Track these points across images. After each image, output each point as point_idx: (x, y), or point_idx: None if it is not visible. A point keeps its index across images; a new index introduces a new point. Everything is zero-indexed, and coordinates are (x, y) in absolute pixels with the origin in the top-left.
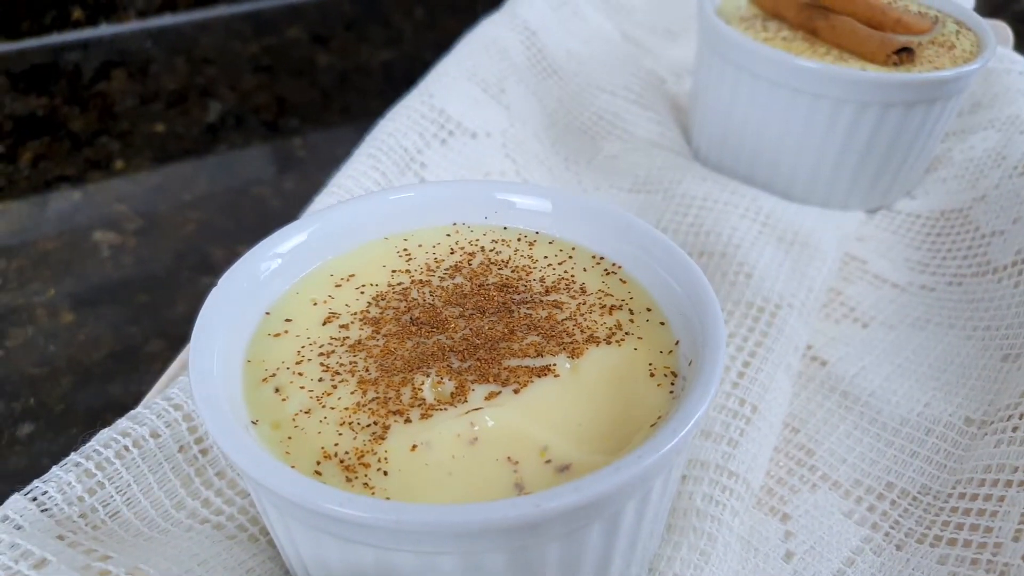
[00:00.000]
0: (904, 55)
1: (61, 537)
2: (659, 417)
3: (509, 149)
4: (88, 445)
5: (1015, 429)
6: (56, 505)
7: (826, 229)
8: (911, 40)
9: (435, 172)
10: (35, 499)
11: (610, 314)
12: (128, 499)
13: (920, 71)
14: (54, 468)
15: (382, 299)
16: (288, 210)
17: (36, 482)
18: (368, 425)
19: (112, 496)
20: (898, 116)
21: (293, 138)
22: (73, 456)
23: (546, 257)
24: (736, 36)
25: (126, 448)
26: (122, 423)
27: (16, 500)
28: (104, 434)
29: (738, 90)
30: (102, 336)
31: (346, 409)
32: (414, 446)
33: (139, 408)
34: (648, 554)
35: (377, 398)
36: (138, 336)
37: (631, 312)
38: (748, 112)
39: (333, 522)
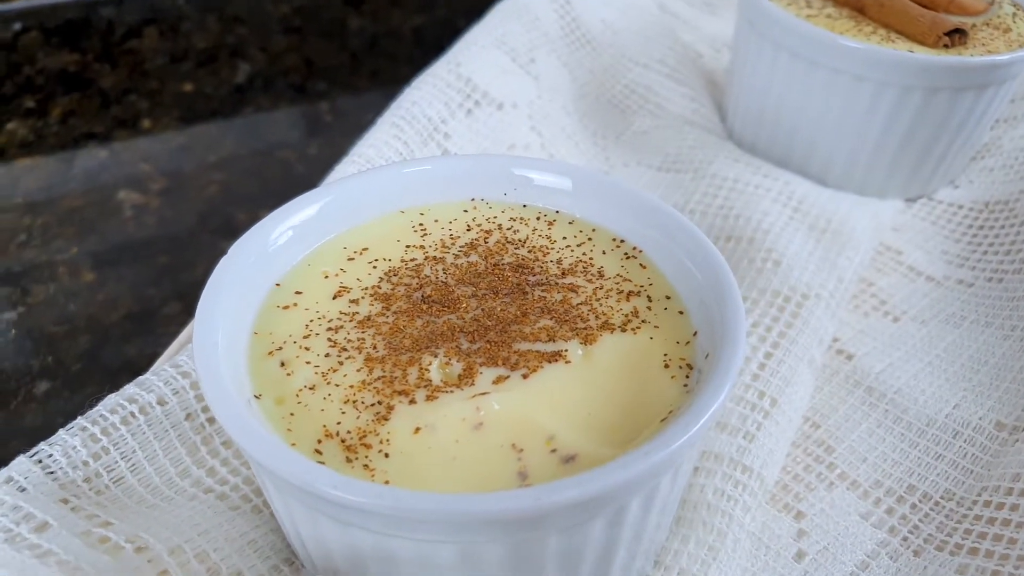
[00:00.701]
0: (956, 37)
1: (65, 501)
2: (670, 411)
3: (535, 121)
4: (95, 410)
5: None
6: (61, 468)
7: (861, 217)
8: (964, 22)
9: (458, 143)
10: (40, 462)
11: (627, 300)
12: (133, 465)
13: (972, 55)
14: (60, 431)
15: (394, 275)
16: (312, 175)
17: (42, 444)
18: (372, 404)
19: (117, 462)
20: (945, 101)
21: (320, 102)
22: (79, 420)
23: (564, 238)
24: (776, 11)
25: (132, 414)
26: (129, 389)
27: (21, 462)
28: (111, 399)
29: (776, 68)
30: (121, 296)
31: (351, 387)
32: (417, 428)
33: (147, 375)
34: (655, 547)
35: (383, 377)
36: (156, 298)
37: (649, 299)
38: (785, 92)
39: (329, 504)
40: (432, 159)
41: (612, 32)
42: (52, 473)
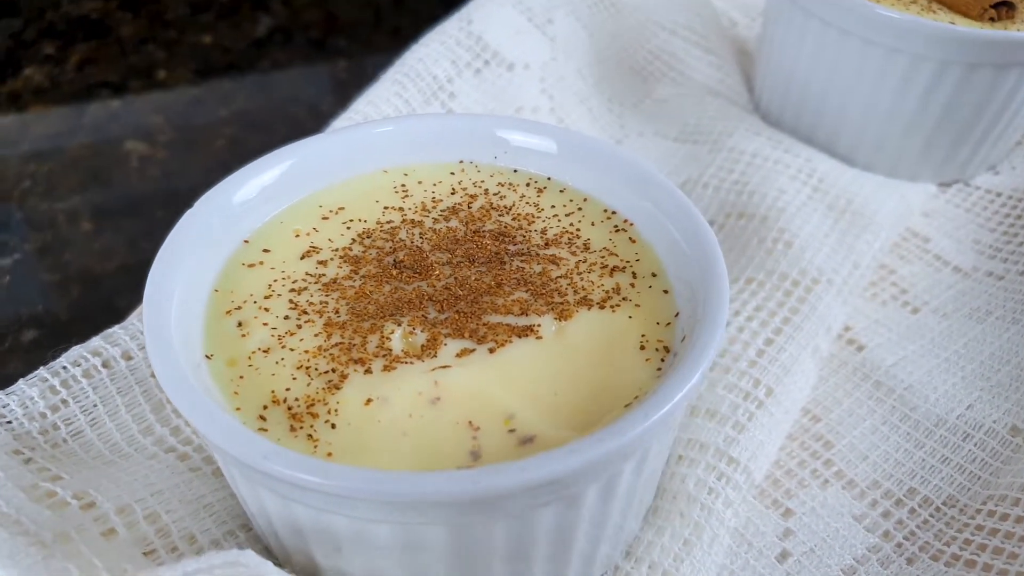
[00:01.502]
0: (1003, 10)
1: (18, 452)
2: (636, 396)
3: (547, 84)
4: (57, 361)
5: None
6: (17, 419)
7: (885, 200)
8: None
9: (464, 103)
10: None
11: (610, 276)
12: (93, 420)
13: (1020, 29)
14: (20, 381)
15: (368, 237)
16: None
17: None
18: (325, 372)
19: (76, 415)
20: (986, 79)
21: (338, 59)
22: (40, 371)
23: (553, 207)
24: None
25: (95, 368)
26: (94, 341)
27: None
28: (74, 351)
29: (805, 37)
30: (116, 248)
31: (306, 352)
32: (369, 400)
33: (114, 328)
34: (625, 536)
35: (341, 343)
36: (150, 251)
37: (634, 276)
38: (814, 63)
39: (262, 476)
40: (416, 116)
41: None
42: (8, 423)
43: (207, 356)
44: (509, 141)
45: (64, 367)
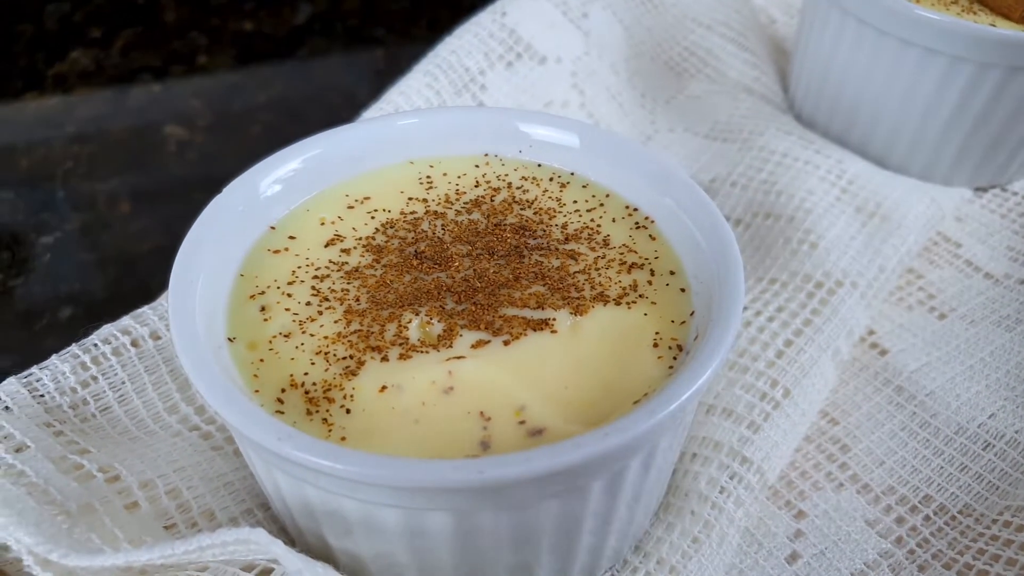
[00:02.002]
0: None
1: (48, 424)
2: (645, 393)
3: (579, 79)
4: (88, 338)
5: None
6: (48, 393)
7: (915, 203)
8: None
9: (494, 96)
10: (29, 385)
11: (628, 272)
12: (121, 396)
13: None
14: (53, 356)
15: (391, 227)
16: None
17: (33, 368)
18: (343, 358)
19: (104, 391)
20: None
21: (376, 49)
22: (72, 347)
23: (575, 202)
24: None
25: (124, 346)
26: (124, 320)
27: (10, 383)
28: (105, 329)
29: (842, 37)
30: (152, 230)
31: (325, 338)
32: (384, 387)
33: (144, 308)
34: (635, 531)
35: (360, 331)
36: (185, 234)
37: (652, 273)
38: (850, 63)
39: (275, 457)
40: (442, 109)
41: None
42: (40, 397)
43: (229, 339)
44: (531, 135)
45: (95, 344)
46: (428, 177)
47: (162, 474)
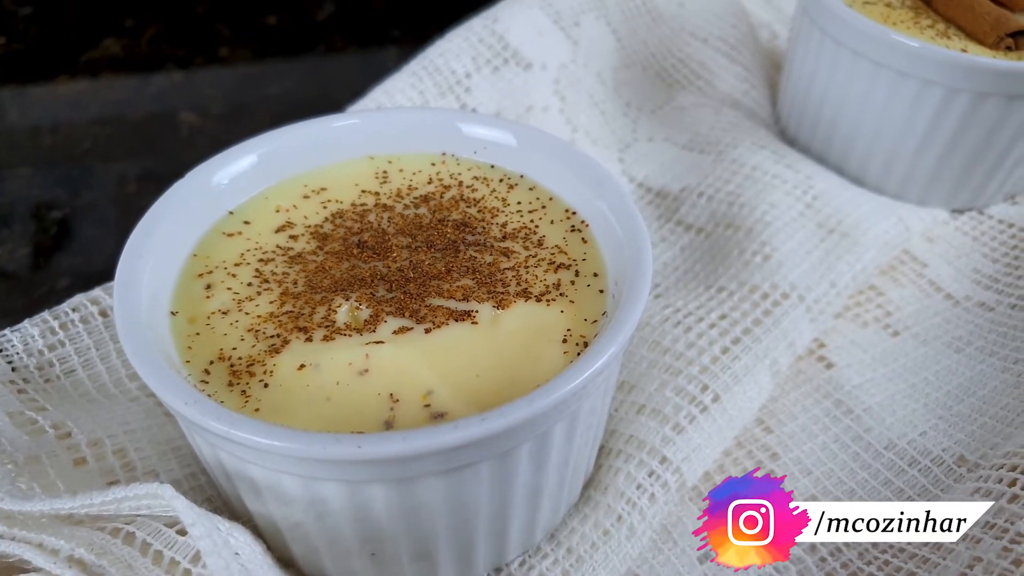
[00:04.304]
0: (1020, 39)
1: (12, 382)
2: (539, 386)
3: (561, 86)
4: (60, 306)
5: (1000, 480)
6: (17, 354)
7: (879, 221)
8: None
9: (479, 99)
10: (0, 345)
11: (555, 272)
12: (85, 361)
13: None
14: (25, 321)
15: (340, 216)
16: None
17: (5, 330)
18: (271, 336)
19: (70, 355)
20: (995, 109)
21: (389, 47)
22: (44, 313)
23: (519, 203)
24: None
25: (92, 315)
26: (94, 291)
27: None
28: (77, 298)
29: (822, 56)
30: None
31: (259, 317)
32: (302, 365)
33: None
34: (546, 520)
35: (291, 312)
36: None
37: (576, 274)
38: (829, 82)
39: (184, 420)
40: (400, 109)
41: (678, 3)
42: (8, 357)
43: (172, 313)
44: (474, 136)
45: (65, 312)
46: (384, 172)
47: (112, 434)
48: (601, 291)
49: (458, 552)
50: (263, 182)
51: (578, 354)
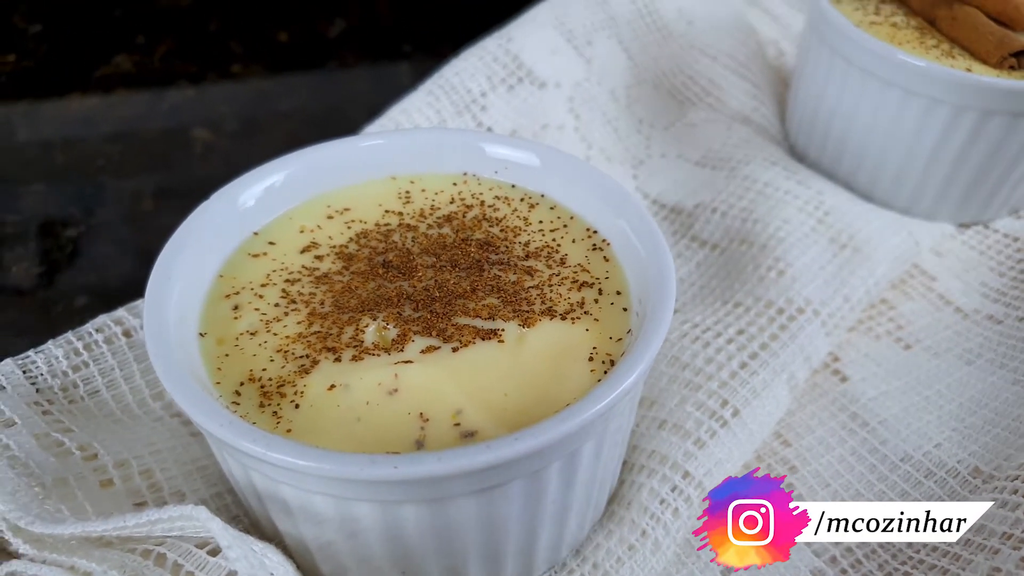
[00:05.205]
0: (1023, 59)
1: (37, 404)
2: (567, 404)
3: (575, 104)
4: (84, 326)
5: (1015, 492)
6: (41, 375)
7: (890, 236)
8: None
9: (494, 117)
10: (24, 366)
11: (578, 290)
12: (109, 381)
13: None
14: (49, 341)
15: (364, 237)
16: None
17: (29, 351)
18: (300, 357)
19: (94, 376)
20: (1001, 127)
21: (400, 63)
22: (68, 334)
23: (541, 222)
24: (834, 15)
25: (116, 335)
26: (118, 312)
27: (6, 364)
28: (100, 319)
29: (831, 75)
30: (172, 226)
31: (287, 337)
32: (332, 385)
33: (138, 301)
34: (573, 536)
35: (319, 332)
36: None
37: (600, 292)
38: (838, 100)
39: (217, 441)
40: (420, 130)
41: (687, 21)
42: (32, 378)
43: (200, 334)
44: (497, 157)
45: (89, 332)
46: (407, 192)
47: (138, 455)
48: (625, 309)
49: (487, 570)
50: (287, 203)
51: (605, 372)
